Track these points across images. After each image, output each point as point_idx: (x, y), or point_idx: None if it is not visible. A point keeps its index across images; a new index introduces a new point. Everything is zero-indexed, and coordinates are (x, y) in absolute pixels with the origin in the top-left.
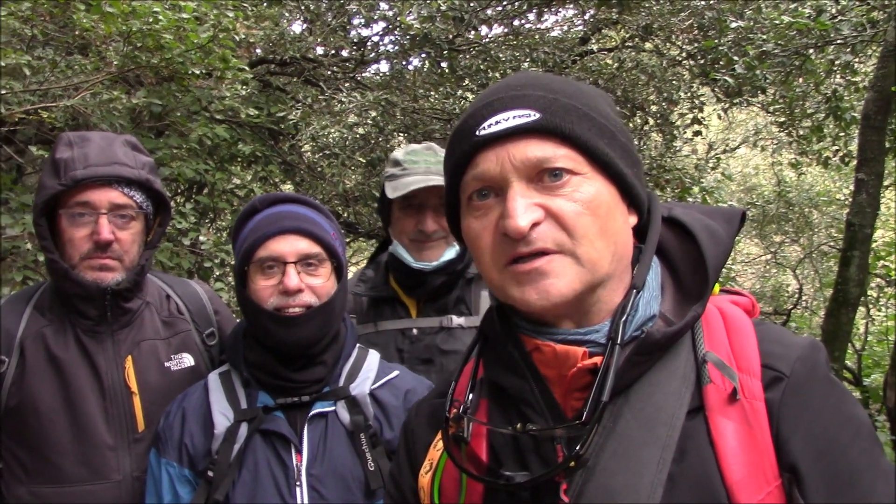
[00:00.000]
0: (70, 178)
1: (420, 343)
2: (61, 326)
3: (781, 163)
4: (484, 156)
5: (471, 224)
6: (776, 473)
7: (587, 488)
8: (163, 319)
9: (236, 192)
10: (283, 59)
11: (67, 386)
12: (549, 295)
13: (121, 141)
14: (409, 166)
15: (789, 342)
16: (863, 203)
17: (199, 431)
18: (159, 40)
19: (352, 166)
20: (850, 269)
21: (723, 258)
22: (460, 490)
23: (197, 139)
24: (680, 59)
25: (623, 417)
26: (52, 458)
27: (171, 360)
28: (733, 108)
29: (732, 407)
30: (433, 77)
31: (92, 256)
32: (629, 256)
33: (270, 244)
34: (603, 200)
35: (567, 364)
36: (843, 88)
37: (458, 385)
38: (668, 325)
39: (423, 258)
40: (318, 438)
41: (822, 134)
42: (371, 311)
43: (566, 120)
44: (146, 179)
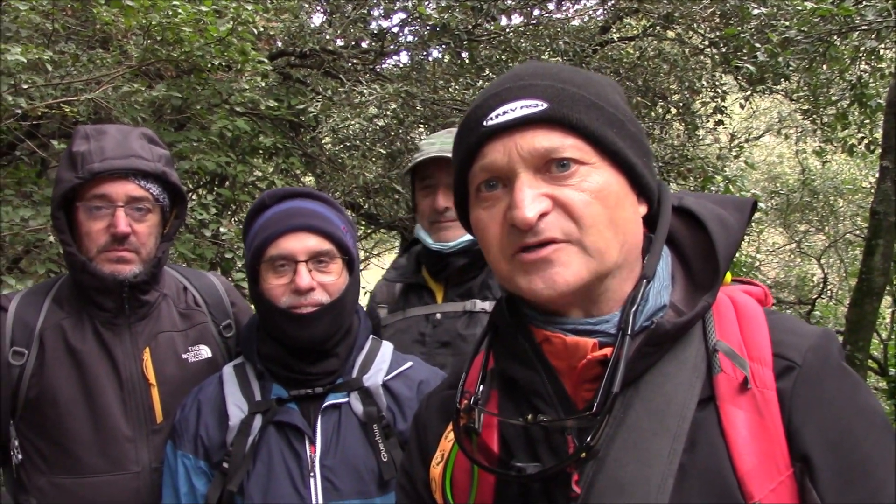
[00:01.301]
0: (87, 171)
1: (441, 327)
2: (79, 319)
3: (805, 151)
4: (491, 146)
5: (479, 215)
6: (787, 463)
7: (598, 479)
8: (180, 311)
9: (257, 184)
10: (303, 51)
11: (86, 378)
12: (555, 284)
13: (137, 133)
14: (426, 148)
15: (801, 332)
16: (887, 191)
17: (215, 423)
18: (179, 34)
19: (372, 158)
20: (874, 258)
21: (733, 247)
22: (472, 481)
23: (218, 132)
24: (702, 47)
25: (633, 408)
26: (72, 449)
27: (189, 351)
28: (756, 97)
29: (743, 396)
30: (453, 68)
31: (109, 249)
32: (639, 246)
33: (281, 242)
34: (612, 190)
35: (577, 355)
36: (868, 75)
37: (469, 376)
38: (678, 315)
39: (441, 238)
40: (331, 430)
41: (847, 121)
42: (402, 300)
43: (574, 110)
44: (162, 172)
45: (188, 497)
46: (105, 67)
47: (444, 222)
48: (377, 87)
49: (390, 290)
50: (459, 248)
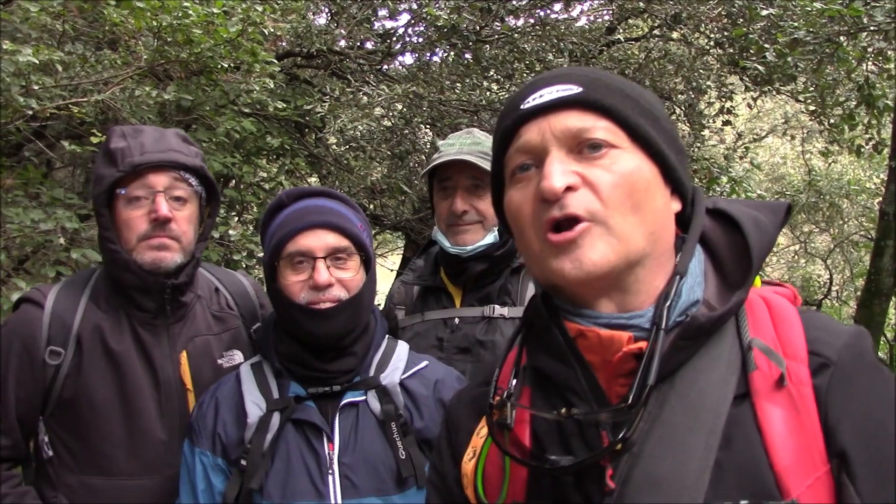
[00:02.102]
0: (128, 165)
1: (459, 332)
2: (117, 319)
3: (811, 152)
4: (527, 128)
5: (512, 196)
6: (824, 459)
7: (633, 473)
8: (214, 314)
9: (262, 185)
10: (310, 51)
11: (124, 380)
12: (582, 264)
13: (172, 132)
14: (445, 149)
15: (835, 329)
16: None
17: (232, 421)
18: (189, 35)
19: (378, 158)
20: (883, 258)
21: (767, 247)
22: (504, 476)
23: (224, 133)
24: (708, 48)
25: (668, 403)
26: (105, 450)
27: (223, 356)
28: (762, 97)
29: (779, 393)
30: (459, 68)
31: (150, 236)
32: (669, 240)
33: (299, 239)
34: (641, 176)
35: (612, 349)
36: (876, 76)
37: (502, 372)
38: (710, 311)
39: (459, 242)
40: (349, 427)
41: (855, 122)
42: (419, 302)
43: (607, 96)
44: (200, 167)
45: (205, 494)
46: (113, 68)
47: (462, 225)
48: (385, 88)
49: (408, 291)
50: (478, 253)
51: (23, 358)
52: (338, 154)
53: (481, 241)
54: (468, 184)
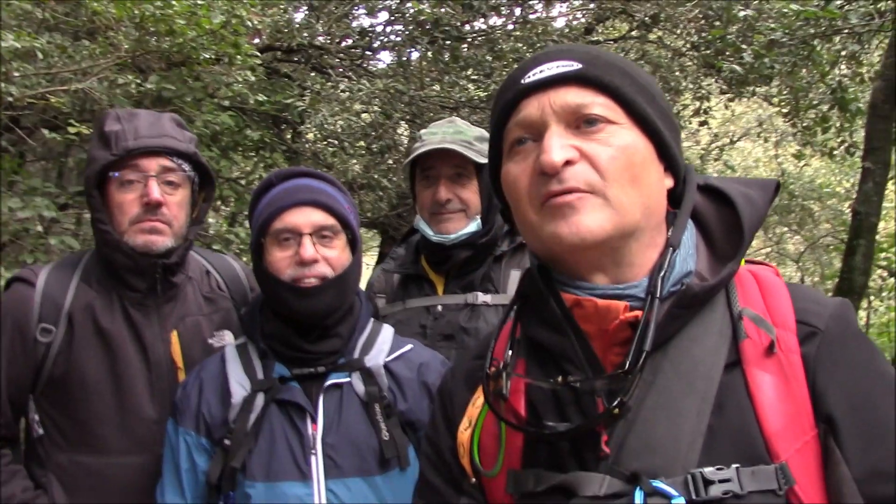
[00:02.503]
0: (122, 149)
1: (443, 320)
2: (109, 298)
3: (783, 154)
4: (527, 102)
5: (510, 169)
6: (812, 424)
7: (628, 439)
8: (205, 295)
9: (239, 181)
10: (290, 46)
11: (114, 358)
12: (579, 230)
13: (167, 117)
14: (427, 138)
15: (822, 300)
16: (869, 192)
17: (217, 401)
18: (171, 25)
19: (356, 154)
20: (855, 257)
21: (758, 222)
22: (499, 445)
23: (202, 125)
24: (684, 49)
25: (662, 371)
26: (96, 428)
27: (214, 336)
28: (737, 100)
29: (769, 360)
30: (439, 65)
31: (142, 220)
32: (661, 214)
33: (286, 216)
34: (638, 150)
35: (608, 318)
36: (849, 79)
37: (497, 344)
38: (702, 282)
39: (442, 230)
40: (333, 408)
41: (828, 125)
42: (400, 290)
43: (606, 72)
44: (193, 153)
45: (189, 474)
46: (92, 58)
47: (445, 213)
48: (366, 83)
49: (388, 280)
50: (462, 241)
51: (14, 336)
52: (316, 149)
53: (464, 230)
54: (451, 172)
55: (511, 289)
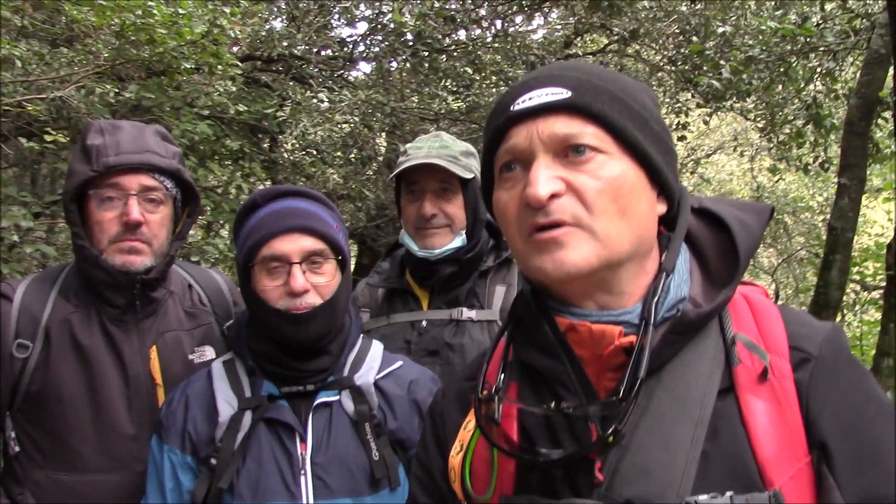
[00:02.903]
0: (102, 165)
1: (428, 335)
2: (87, 313)
3: (757, 168)
4: (516, 130)
5: (500, 196)
6: (805, 451)
7: (622, 465)
8: (186, 310)
9: (216, 189)
10: (270, 55)
11: (92, 374)
12: (563, 265)
13: (152, 131)
14: (413, 152)
15: (814, 325)
16: (844, 207)
17: (203, 419)
18: (152, 34)
19: (336, 165)
20: (831, 272)
21: (753, 247)
22: (491, 470)
23: (180, 134)
24: (662, 64)
25: (656, 396)
26: (73, 445)
27: (195, 352)
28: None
29: (762, 386)
30: (420, 76)
31: (121, 239)
32: (652, 241)
33: (274, 243)
34: (627, 181)
35: (603, 343)
36: (824, 95)
37: (490, 367)
38: (696, 308)
39: (427, 245)
40: (322, 427)
41: (803, 140)
42: (385, 305)
43: (596, 100)
44: (177, 169)
45: (174, 493)
46: (71, 66)
47: (431, 229)
48: (347, 94)
49: (373, 294)
50: (447, 256)
51: None
52: (296, 159)
53: (449, 245)
54: (436, 187)
55: (496, 304)
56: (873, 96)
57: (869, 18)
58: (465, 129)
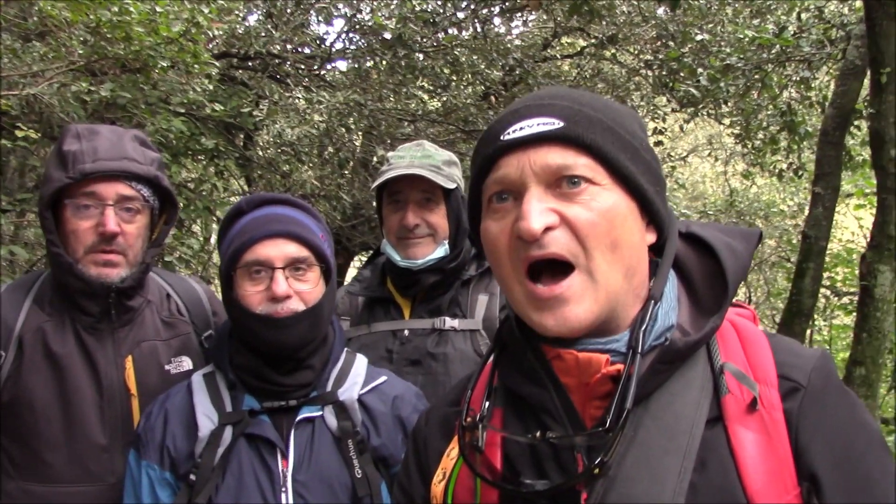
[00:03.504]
0: (78, 172)
1: (410, 344)
2: (61, 322)
3: (730, 173)
4: (506, 160)
5: (489, 226)
6: (795, 482)
7: (608, 497)
8: (163, 319)
9: (188, 185)
10: (247, 53)
11: (65, 384)
12: (567, 322)
13: (130, 136)
14: (395, 161)
15: (803, 353)
16: (819, 216)
17: (182, 434)
18: (129, 32)
19: (318, 164)
20: (804, 280)
21: (741, 274)
22: (474, 499)
23: (154, 132)
24: (638, 68)
25: (643, 426)
26: (45, 456)
27: (171, 363)
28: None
29: (751, 417)
30: (397, 76)
31: (96, 250)
32: (644, 272)
33: (258, 248)
34: (619, 212)
35: (589, 371)
36: (798, 103)
37: (474, 394)
38: (685, 336)
39: (409, 255)
40: (304, 444)
41: (777, 147)
42: (365, 313)
43: (589, 130)
44: (155, 176)
45: None
46: (44, 61)
47: (413, 238)
48: (325, 95)
49: (353, 302)
50: (430, 266)
51: None
52: (270, 157)
53: (432, 255)
54: (419, 197)
55: (479, 313)
56: (848, 106)
57: (844, 29)
58: (442, 129)
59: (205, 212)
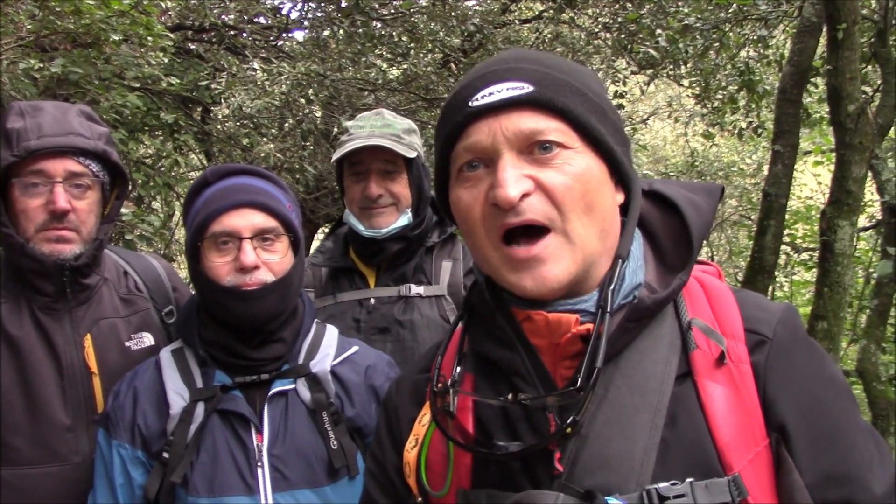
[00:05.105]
0: (23, 149)
1: (377, 313)
2: (16, 304)
3: (692, 134)
4: (476, 127)
5: (461, 195)
6: (764, 434)
7: (581, 455)
8: (121, 297)
9: (145, 161)
10: (202, 25)
11: (24, 365)
12: (545, 282)
13: (75, 111)
14: (355, 131)
15: (769, 307)
16: (779, 174)
17: (153, 412)
18: (77, 5)
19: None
20: (765, 237)
21: (705, 229)
22: (448, 464)
23: (108, 108)
24: (597, 31)
25: (614, 384)
26: (8, 439)
27: (132, 339)
28: (642, 80)
29: (720, 371)
30: (356, 45)
31: (48, 228)
32: (616, 233)
33: (224, 219)
34: (593, 175)
35: (559, 331)
36: (756, 62)
37: (444, 359)
38: (652, 294)
39: (373, 225)
40: (278, 417)
41: (736, 106)
42: (329, 284)
43: (559, 94)
44: (103, 150)
45: (124, 489)
46: None
47: (377, 209)
48: (285, 66)
49: (316, 273)
50: (393, 234)
51: None
52: (230, 131)
53: (395, 224)
54: (381, 167)
55: (444, 279)
56: (805, 64)
57: None
58: (403, 98)
59: (165, 188)
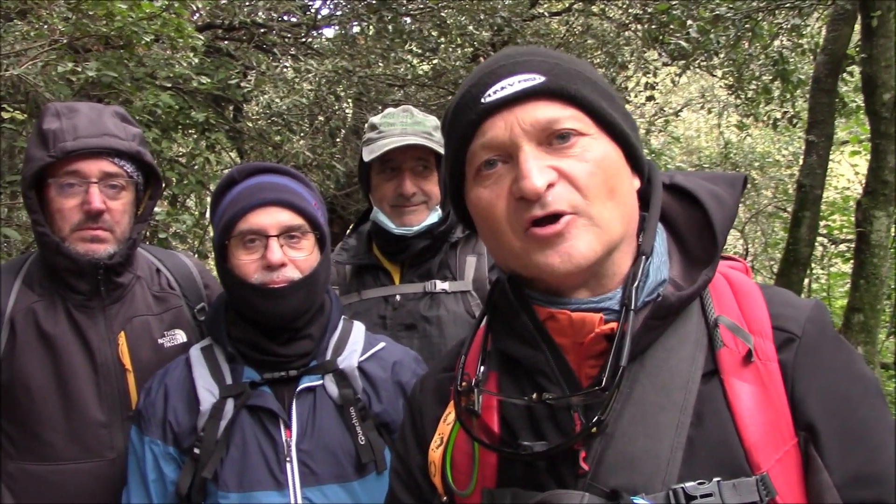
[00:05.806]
0: (59, 150)
1: (403, 309)
2: (52, 302)
3: (725, 125)
4: (491, 122)
5: (481, 194)
6: (792, 433)
7: (607, 454)
8: (154, 294)
9: (179, 160)
10: (231, 23)
11: (59, 363)
12: (571, 258)
13: (110, 112)
14: (385, 129)
15: (797, 304)
16: (813, 164)
17: (184, 408)
18: (110, 8)
19: (310, 134)
20: (800, 229)
21: (729, 222)
22: (473, 463)
23: (141, 108)
24: (627, 22)
25: (639, 383)
26: (44, 435)
27: (164, 336)
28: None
29: (747, 369)
30: (384, 42)
31: (83, 228)
32: (636, 220)
33: (251, 217)
34: (612, 160)
35: (583, 331)
36: (789, 51)
37: (468, 358)
38: (677, 290)
39: (405, 223)
40: (306, 413)
41: (771, 96)
42: (354, 281)
43: (571, 82)
44: (137, 151)
45: (157, 484)
46: (26, 41)
47: (410, 206)
48: (313, 63)
49: (340, 271)
50: (421, 231)
51: None
52: (261, 128)
53: (426, 221)
54: (415, 165)
55: (469, 274)
56: (840, 52)
57: None
58: (433, 94)
59: (198, 186)
